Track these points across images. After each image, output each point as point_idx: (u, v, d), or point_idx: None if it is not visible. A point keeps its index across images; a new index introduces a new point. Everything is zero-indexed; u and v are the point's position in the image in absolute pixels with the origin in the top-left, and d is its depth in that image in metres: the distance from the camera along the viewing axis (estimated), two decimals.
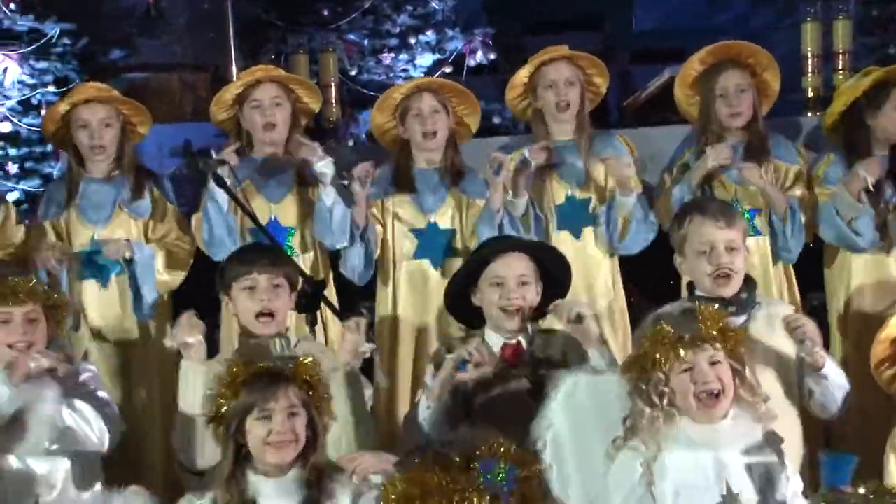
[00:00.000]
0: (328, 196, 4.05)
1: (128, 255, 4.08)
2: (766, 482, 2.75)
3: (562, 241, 4.16)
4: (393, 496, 1.97)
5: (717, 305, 2.96)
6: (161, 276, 4.16)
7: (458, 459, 1.94)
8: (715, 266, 3.28)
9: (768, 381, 3.10)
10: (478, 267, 3.36)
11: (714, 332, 2.77)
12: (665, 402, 2.75)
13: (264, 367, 2.75)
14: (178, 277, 4.23)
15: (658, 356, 2.75)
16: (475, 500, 1.90)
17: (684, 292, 3.56)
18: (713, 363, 2.76)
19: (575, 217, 4.22)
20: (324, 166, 4.04)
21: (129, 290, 4.13)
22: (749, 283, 3.37)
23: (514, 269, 3.31)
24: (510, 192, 4.05)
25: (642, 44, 9.71)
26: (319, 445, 2.76)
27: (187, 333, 3.12)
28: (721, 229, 3.30)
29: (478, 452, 1.97)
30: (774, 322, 3.28)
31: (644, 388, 2.78)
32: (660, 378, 2.76)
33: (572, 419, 2.90)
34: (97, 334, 4.18)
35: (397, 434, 4.10)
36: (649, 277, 4.32)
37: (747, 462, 2.75)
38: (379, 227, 4.21)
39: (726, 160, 4.08)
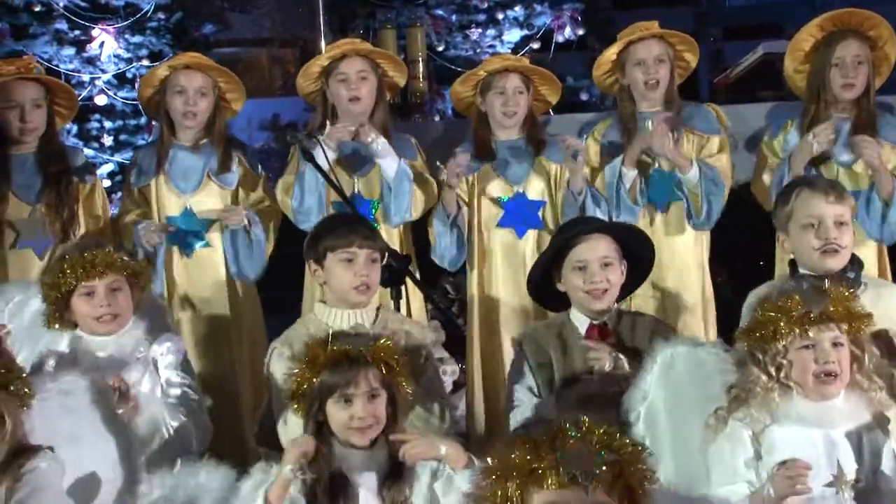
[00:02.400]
0: (389, 169, 4.09)
1: (247, 222, 4.13)
2: (875, 462, 2.68)
3: (645, 215, 4.15)
4: (483, 472, 1.98)
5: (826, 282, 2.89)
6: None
7: (543, 438, 1.93)
8: (823, 240, 3.20)
9: None
10: (560, 251, 3.33)
11: (842, 313, 2.70)
12: (781, 374, 2.70)
13: (343, 350, 2.76)
14: (269, 246, 4.28)
15: (781, 328, 2.68)
16: (553, 479, 1.88)
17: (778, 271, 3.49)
18: (835, 344, 2.69)
19: (662, 190, 4.17)
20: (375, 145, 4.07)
21: (243, 254, 4.16)
22: (856, 262, 3.28)
23: (597, 251, 3.28)
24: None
25: (736, 19, 9.49)
26: (402, 421, 2.77)
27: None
28: (830, 204, 3.23)
29: (562, 431, 1.95)
30: (881, 303, 3.15)
31: (760, 357, 2.72)
32: (778, 350, 2.69)
33: (669, 391, 2.87)
34: (186, 304, 4.25)
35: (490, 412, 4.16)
36: (737, 258, 4.26)
37: (857, 441, 2.68)
38: (466, 209, 4.22)
39: (829, 143, 3.97)
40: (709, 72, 7.50)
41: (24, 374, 2.69)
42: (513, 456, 1.91)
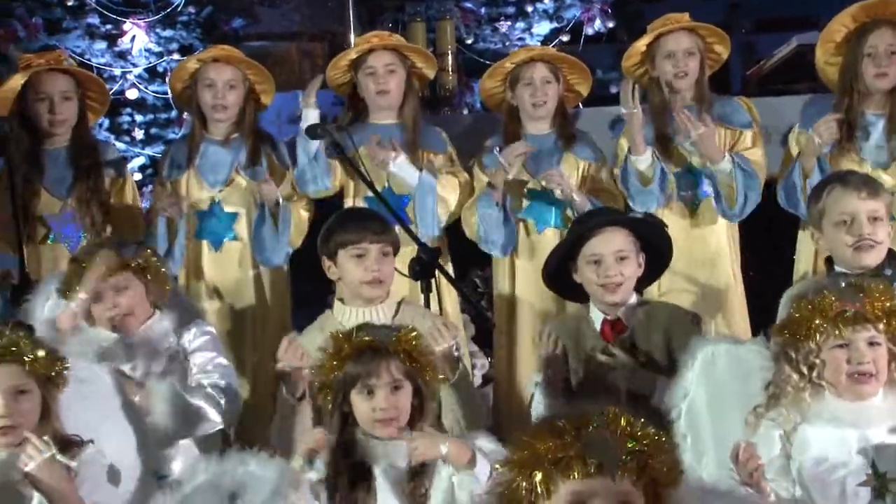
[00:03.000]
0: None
1: (277, 197, 4.13)
2: None
3: (676, 209, 4.12)
4: (507, 461, 1.97)
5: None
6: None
7: (568, 427, 1.91)
8: (856, 237, 3.17)
9: None
10: (574, 244, 3.32)
11: (878, 312, 2.64)
12: (814, 373, 2.65)
13: (366, 341, 2.75)
14: (294, 243, 4.29)
15: (814, 326, 2.64)
16: (579, 467, 1.87)
17: (802, 268, 3.45)
18: (871, 343, 2.63)
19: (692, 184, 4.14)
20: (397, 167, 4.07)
21: (268, 239, 4.18)
22: (894, 258, 3.24)
23: (612, 244, 3.25)
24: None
25: (768, 10, 9.39)
26: (427, 413, 2.76)
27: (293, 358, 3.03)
28: (863, 200, 3.19)
29: (587, 420, 1.94)
30: None
31: (793, 355, 2.68)
32: (811, 349, 2.65)
33: (710, 389, 2.85)
34: (215, 296, 4.28)
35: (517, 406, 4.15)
36: (768, 251, 4.23)
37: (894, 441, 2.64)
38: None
39: (831, 138, 3.91)
40: (741, 64, 7.44)
41: (66, 364, 2.70)
42: (538, 445, 1.90)
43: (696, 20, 4.23)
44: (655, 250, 3.36)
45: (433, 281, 3.51)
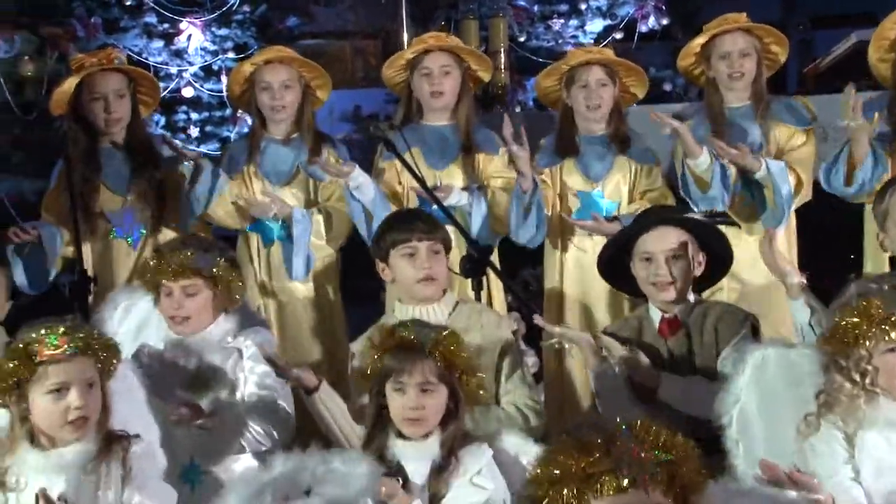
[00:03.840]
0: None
1: (270, 214, 4.14)
2: None
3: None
4: (535, 478, 1.96)
5: None
6: (318, 242, 4.22)
7: (598, 441, 1.90)
8: None
9: None
10: (627, 240, 3.30)
11: None
12: (867, 380, 2.60)
13: (402, 338, 2.76)
14: (337, 242, 4.30)
15: (863, 332, 2.59)
16: (610, 484, 1.86)
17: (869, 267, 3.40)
18: None
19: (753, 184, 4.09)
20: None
21: (283, 249, 4.18)
22: None
23: (664, 243, 3.22)
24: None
25: (825, 7, 9.25)
26: (462, 416, 2.74)
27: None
28: None
29: (616, 434, 1.92)
30: None
31: (844, 363, 2.63)
32: (862, 355, 2.60)
33: (761, 394, 2.81)
34: (267, 294, 4.29)
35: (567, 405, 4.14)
36: (827, 251, 4.17)
37: None
38: (549, 193, 4.19)
39: (866, 132, 3.84)
40: (797, 62, 7.34)
41: (122, 359, 2.76)
42: (567, 461, 1.89)
43: (752, 16, 4.17)
44: (717, 250, 3.33)
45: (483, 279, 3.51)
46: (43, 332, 2.61)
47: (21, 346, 2.62)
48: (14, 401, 2.61)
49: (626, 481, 1.84)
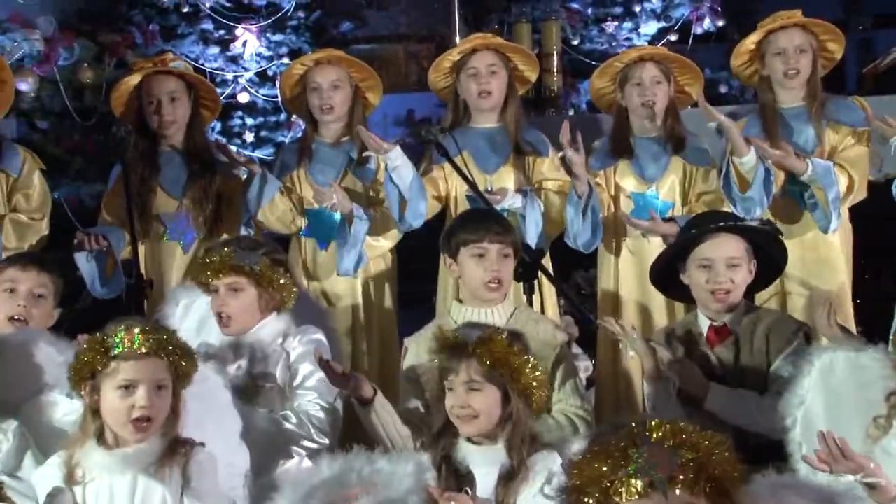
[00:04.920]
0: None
1: (328, 204, 4.14)
2: None
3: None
4: (564, 488, 1.96)
5: None
6: (370, 241, 4.22)
7: (618, 447, 1.88)
8: None
9: None
10: (686, 246, 3.26)
11: None
12: None
13: (449, 338, 2.77)
14: (389, 243, 4.30)
15: None
16: (630, 489, 1.84)
17: None
18: None
19: (803, 184, 4.02)
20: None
21: (338, 246, 4.19)
22: None
23: (724, 251, 3.20)
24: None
25: (887, 7, 9.06)
26: (518, 420, 2.72)
27: None
28: None
29: (634, 438, 1.91)
30: None
31: None
32: None
33: (827, 397, 2.78)
34: (321, 296, 4.30)
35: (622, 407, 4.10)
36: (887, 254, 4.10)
37: None
38: (603, 195, 4.16)
39: None
40: (857, 62, 7.20)
41: (197, 365, 2.78)
42: (588, 469, 1.88)
43: (812, 17, 4.11)
44: (768, 256, 3.28)
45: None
46: (122, 328, 2.66)
47: (100, 338, 2.67)
48: (88, 392, 2.66)
49: (643, 487, 1.83)
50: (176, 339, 2.72)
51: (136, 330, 2.65)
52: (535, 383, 2.75)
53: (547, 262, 4.15)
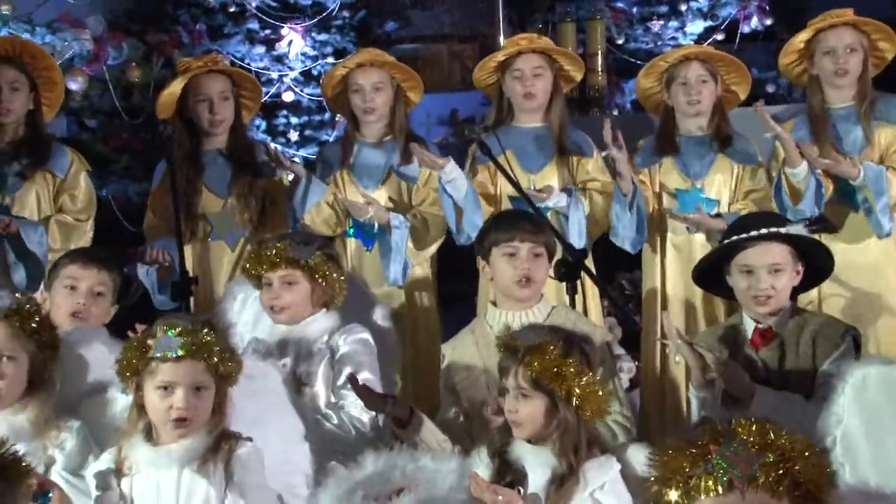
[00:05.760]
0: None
1: (366, 217, 4.17)
2: None
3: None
4: (646, 479, 1.95)
5: None
6: (411, 247, 4.22)
7: (700, 443, 1.87)
8: None
9: None
10: (729, 251, 3.23)
11: None
12: None
13: (506, 339, 2.76)
14: (430, 247, 4.30)
15: None
16: (710, 486, 1.83)
17: None
18: None
19: (851, 188, 3.97)
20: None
21: (381, 255, 4.21)
22: None
23: (767, 257, 3.16)
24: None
25: None
26: (567, 428, 2.68)
27: None
28: None
29: (717, 435, 1.89)
30: None
31: None
32: None
33: (864, 414, 2.71)
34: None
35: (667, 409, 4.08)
36: None
37: None
38: (647, 193, 4.14)
39: None
40: None
41: (242, 364, 2.77)
42: (671, 463, 1.87)
43: (863, 16, 4.05)
44: (815, 259, 3.25)
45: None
46: (162, 328, 2.67)
47: (141, 338, 2.69)
48: (134, 389, 2.68)
49: (724, 485, 1.81)
50: (217, 339, 2.71)
51: (176, 331, 2.65)
52: (588, 394, 2.69)
53: (590, 262, 4.14)
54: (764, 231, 3.21)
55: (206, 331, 2.70)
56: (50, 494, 2.31)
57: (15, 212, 4.12)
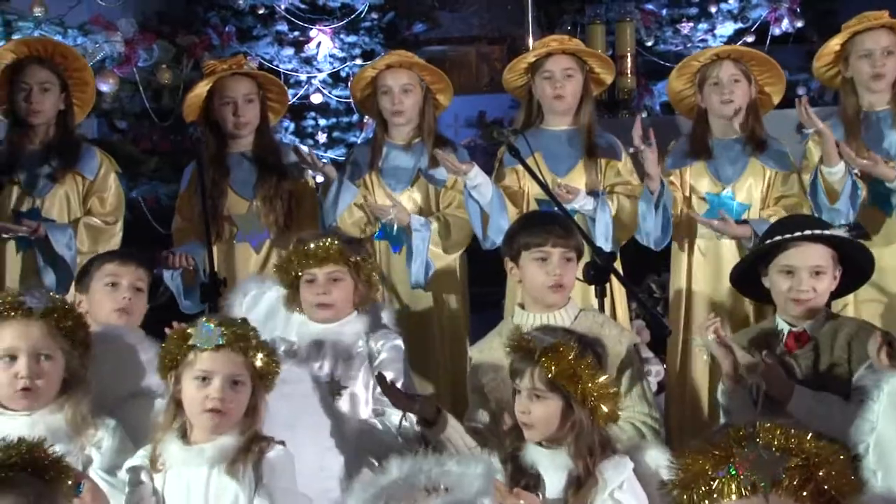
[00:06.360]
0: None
1: (387, 217, 4.17)
2: None
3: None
4: (667, 483, 1.94)
5: None
6: (435, 250, 4.22)
7: (721, 446, 1.85)
8: None
9: None
10: (769, 251, 3.20)
11: None
12: None
13: (520, 341, 2.74)
14: (456, 249, 4.29)
15: None
16: (732, 489, 1.81)
17: None
18: None
19: (886, 190, 3.93)
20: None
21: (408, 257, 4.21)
22: None
23: (809, 259, 3.14)
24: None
25: None
26: (582, 430, 2.67)
27: None
28: None
29: (739, 438, 1.87)
30: None
31: None
32: None
33: None
34: (394, 299, 4.31)
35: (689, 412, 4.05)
36: None
37: None
38: (677, 194, 4.11)
39: None
40: None
41: (280, 368, 2.78)
42: (693, 465, 1.86)
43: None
44: (853, 263, 3.21)
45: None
46: (204, 320, 2.70)
47: (183, 329, 2.72)
48: (172, 382, 2.71)
49: (746, 488, 1.80)
50: (257, 337, 2.74)
51: (217, 321, 2.69)
52: (602, 396, 2.68)
53: (618, 265, 4.11)
54: (808, 232, 3.18)
55: (247, 325, 2.74)
56: (81, 486, 2.32)
57: (44, 213, 4.16)
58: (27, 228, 4.04)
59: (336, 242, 3.35)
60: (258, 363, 2.69)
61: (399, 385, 3.10)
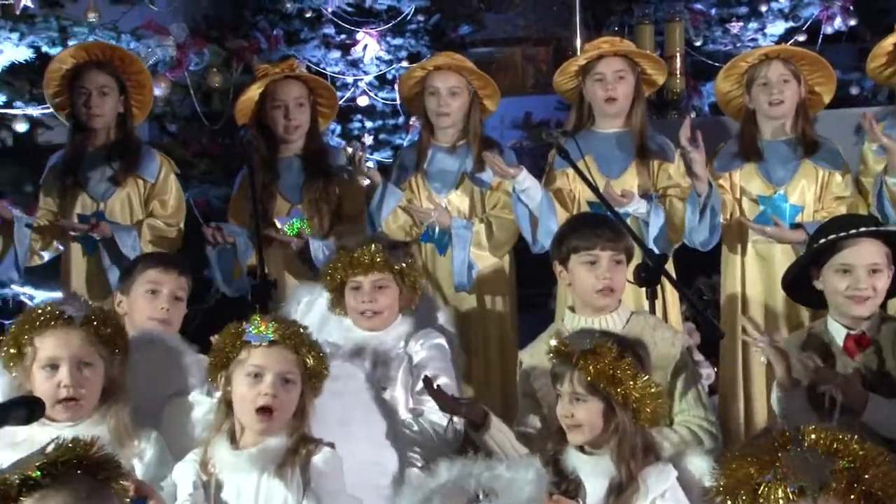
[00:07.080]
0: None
1: (429, 220, 4.18)
2: None
3: None
4: (716, 486, 1.92)
5: None
6: (479, 251, 4.21)
7: (770, 448, 1.83)
8: None
9: None
10: (825, 251, 3.15)
11: None
12: None
13: (560, 345, 2.73)
14: (501, 251, 4.27)
15: None
16: (779, 493, 1.79)
17: None
18: None
19: None
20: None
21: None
22: None
23: (866, 256, 3.08)
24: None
25: None
26: (625, 432, 2.65)
27: None
28: None
29: (786, 442, 1.85)
30: None
31: None
32: None
33: None
34: (441, 297, 4.29)
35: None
36: None
37: None
38: (727, 197, 4.07)
39: None
40: None
41: (329, 370, 2.79)
42: (739, 469, 1.85)
43: None
44: None
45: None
46: (256, 317, 2.73)
47: (235, 327, 2.74)
48: (223, 383, 2.72)
49: (794, 491, 1.78)
50: (309, 336, 2.75)
51: (269, 319, 2.71)
52: (644, 396, 2.66)
53: (670, 267, 4.08)
54: (864, 229, 3.13)
55: (298, 324, 2.76)
56: (149, 503, 2.35)
57: (107, 216, 4.22)
58: (88, 226, 4.09)
59: (381, 250, 3.34)
60: (310, 362, 2.71)
61: (444, 382, 3.11)
